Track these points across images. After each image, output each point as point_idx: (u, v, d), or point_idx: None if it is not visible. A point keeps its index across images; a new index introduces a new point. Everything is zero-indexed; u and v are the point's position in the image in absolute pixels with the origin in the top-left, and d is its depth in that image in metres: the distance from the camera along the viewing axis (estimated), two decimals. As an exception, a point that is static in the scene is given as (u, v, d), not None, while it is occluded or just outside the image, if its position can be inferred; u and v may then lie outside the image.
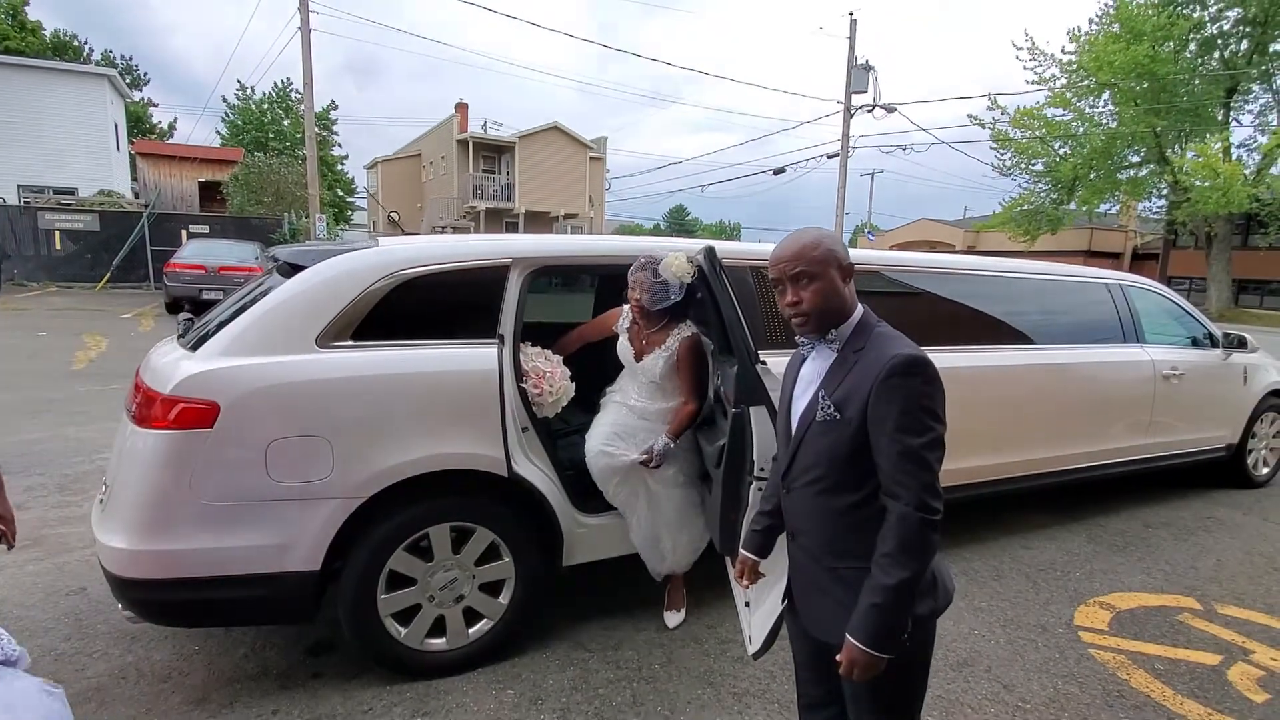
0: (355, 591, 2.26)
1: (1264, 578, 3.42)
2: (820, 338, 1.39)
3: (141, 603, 2.14)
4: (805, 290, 1.35)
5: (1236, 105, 22.92)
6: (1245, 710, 2.35)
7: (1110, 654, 2.68)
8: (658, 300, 2.54)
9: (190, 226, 16.92)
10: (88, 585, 2.90)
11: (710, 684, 2.40)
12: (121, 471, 2.15)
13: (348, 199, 35.52)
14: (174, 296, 12.09)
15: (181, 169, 21.54)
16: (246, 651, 2.52)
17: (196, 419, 2.07)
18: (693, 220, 78.87)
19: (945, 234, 38.23)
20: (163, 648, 2.51)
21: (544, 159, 30.01)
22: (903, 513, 1.21)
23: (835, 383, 1.33)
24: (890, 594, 1.20)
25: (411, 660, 2.37)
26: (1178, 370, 4.30)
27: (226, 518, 2.11)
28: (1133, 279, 4.62)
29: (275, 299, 2.29)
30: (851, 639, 1.23)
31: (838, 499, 1.33)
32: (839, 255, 1.36)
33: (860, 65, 20.69)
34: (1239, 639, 2.82)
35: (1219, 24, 22.05)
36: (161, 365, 2.27)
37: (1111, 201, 25.38)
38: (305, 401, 2.17)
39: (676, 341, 2.57)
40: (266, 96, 32.21)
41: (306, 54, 15.29)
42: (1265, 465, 5.02)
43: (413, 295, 2.40)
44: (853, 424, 1.28)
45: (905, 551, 1.20)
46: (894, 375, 1.23)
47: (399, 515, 2.29)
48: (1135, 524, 4.13)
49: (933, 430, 1.23)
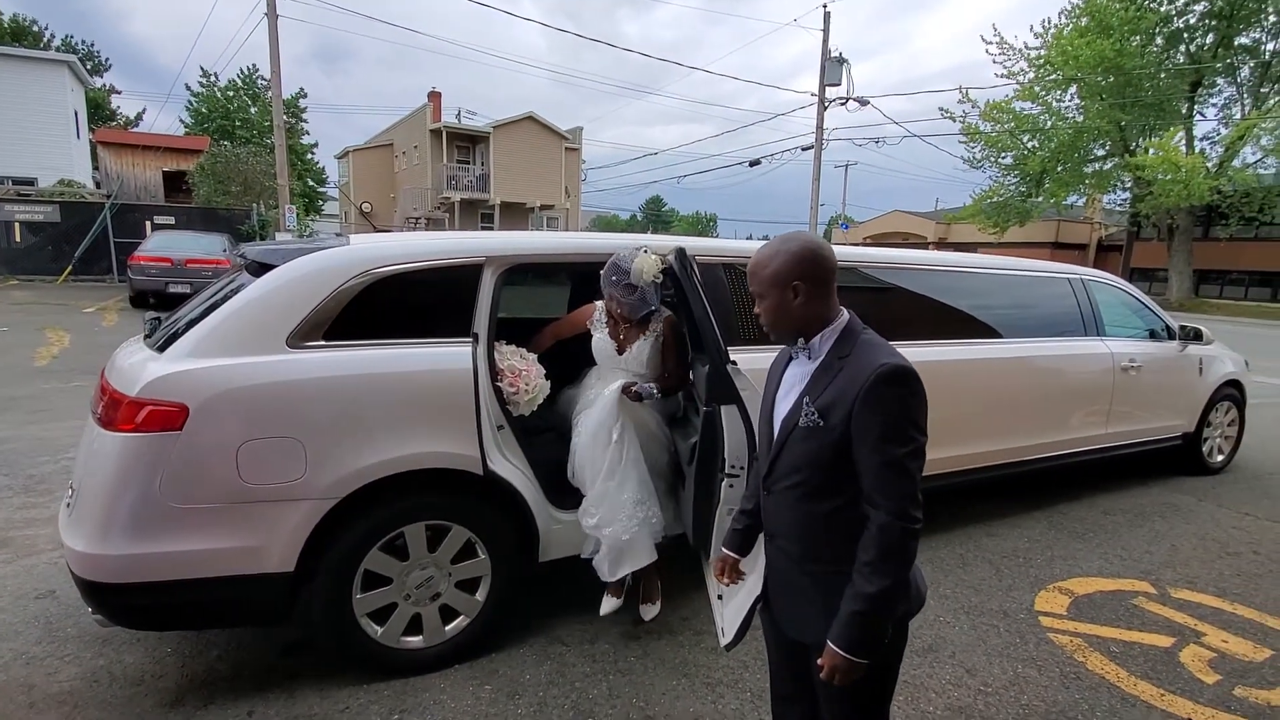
0: (330, 592, 2.26)
1: (1216, 562, 3.57)
2: (794, 346, 1.41)
3: (111, 607, 2.12)
4: (759, 306, 1.40)
5: (1201, 99, 23.51)
6: (1196, 691, 2.46)
7: (1068, 637, 2.79)
8: (639, 310, 2.58)
9: (155, 218, 16.47)
10: (57, 588, 2.86)
11: (685, 674, 2.45)
12: (88, 474, 2.12)
13: (318, 189, 34.86)
14: (139, 290, 11.81)
15: (145, 158, 20.94)
16: (220, 653, 2.51)
17: (165, 421, 2.05)
18: (670, 211, 78.79)
19: (917, 225, 38.74)
20: (134, 650, 2.49)
21: (519, 149, 29.73)
22: (884, 522, 1.23)
23: (819, 389, 1.33)
24: (872, 602, 1.22)
25: (388, 659, 2.38)
26: (1136, 362, 4.45)
27: (197, 520, 2.09)
28: (1093, 273, 4.75)
29: (245, 298, 2.27)
30: (833, 646, 1.26)
31: (818, 504, 1.35)
32: (792, 273, 1.34)
33: (834, 58, 20.81)
34: (1191, 621, 2.95)
35: (1185, 18, 22.57)
36: (128, 366, 2.24)
37: (1078, 194, 25.94)
38: (277, 403, 2.16)
39: (660, 324, 2.63)
40: (232, 83, 31.41)
41: (274, 40, 14.94)
42: (1220, 453, 5.21)
43: (385, 294, 2.39)
44: (836, 431, 1.28)
45: (886, 560, 1.22)
46: (879, 385, 1.24)
47: (374, 515, 2.29)
48: (1095, 511, 4.27)
49: (915, 441, 1.25)
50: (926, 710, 2.31)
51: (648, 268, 2.48)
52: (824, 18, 20.91)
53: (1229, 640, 2.80)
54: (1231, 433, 5.30)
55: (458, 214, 29.18)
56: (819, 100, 21.26)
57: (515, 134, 29.82)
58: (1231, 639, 2.81)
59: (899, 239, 36.70)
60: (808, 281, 1.34)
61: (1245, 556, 3.64)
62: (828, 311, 1.37)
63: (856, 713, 1.40)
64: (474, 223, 29.81)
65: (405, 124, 32.26)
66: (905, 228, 38.78)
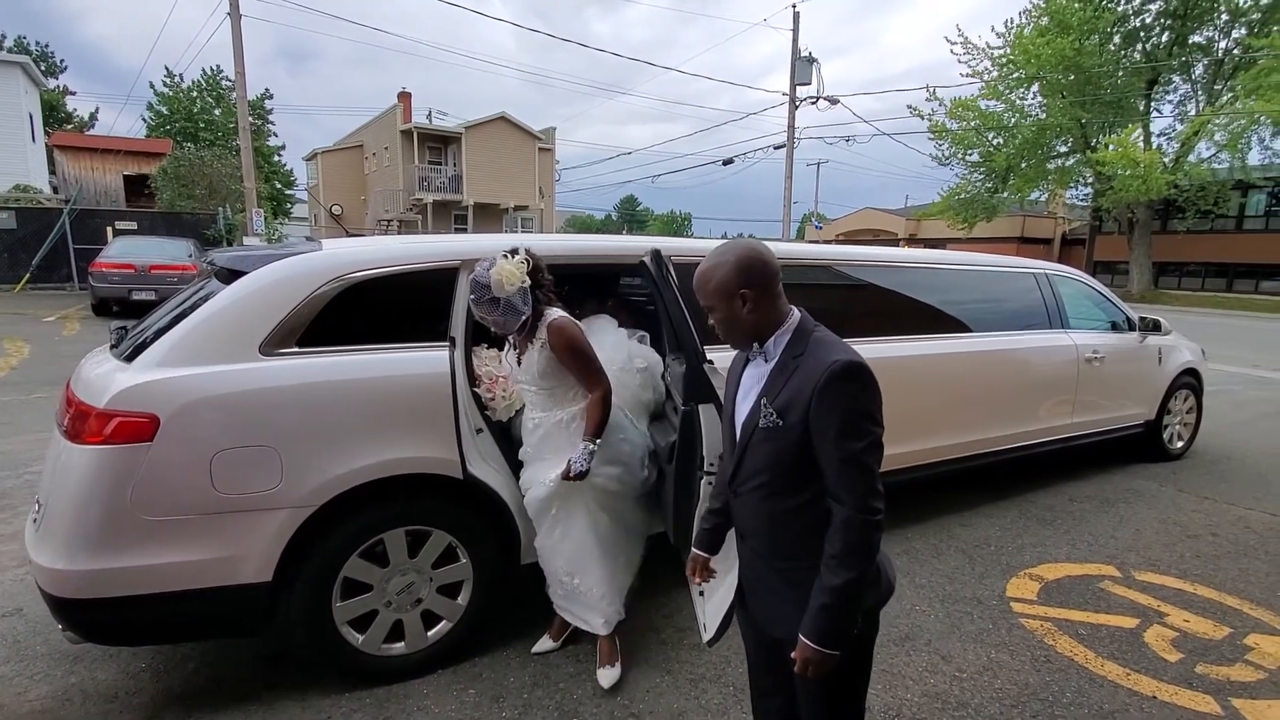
0: (309, 601, 2.24)
1: (1178, 545, 3.70)
2: (748, 350, 1.43)
3: (83, 623, 2.08)
4: (713, 318, 1.42)
5: (1157, 96, 24.20)
6: (1160, 669, 2.56)
7: (1039, 622, 2.87)
8: (512, 323, 2.29)
9: (116, 223, 16.04)
10: (23, 606, 2.78)
11: (668, 671, 2.48)
12: (55, 489, 2.08)
13: (286, 191, 34.26)
14: (101, 298, 11.50)
15: (104, 162, 20.36)
16: (196, 665, 2.47)
17: (134, 433, 2.01)
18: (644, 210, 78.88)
19: (888, 222, 39.29)
20: (107, 667, 2.44)
21: (492, 150, 29.51)
22: (847, 516, 1.26)
23: (776, 390, 1.35)
24: (838, 594, 1.26)
25: (370, 666, 2.37)
26: (1099, 353, 4.58)
27: (171, 533, 2.06)
28: (1057, 268, 4.89)
29: (215, 306, 2.24)
30: (805, 639, 1.29)
31: (783, 502, 1.37)
32: (736, 283, 1.35)
33: (804, 57, 21.02)
34: (1155, 603, 3.06)
35: (1142, 17, 23.20)
36: (94, 377, 2.20)
37: (1042, 190, 26.53)
38: (251, 411, 2.14)
39: (545, 329, 2.30)
40: (195, 84, 30.70)
41: (237, 40, 14.64)
42: (1179, 439, 5.39)
43: (360, 299, 2.38)
44: (795, 430, 1.30)
45: (851, 553, 1.26)
46: (832, 382, 1.26)
47: (353, 522, 2.28)
48: (1062, 498, 4.40)
49: (871, 434, 1.27)
50: (904, 697, 2.36)
51: (507, 276, 2.20)
52: (793, 17, 21.12)
53: (1190, 620, 2.91)
54: (1190, 420, 5.48)
55: (430, 215, 28.88)
56: (790, 99, 21.46)
57: (488, 134, 29.59)
58: (1193, 619, 2.92)
59: (870, 236, 37.21)
60: (753, 288, 1.35)
61: (1205, 539, 3.78)
62: (778, 313, 1.39)
63: (832, 703, 1.43)
64: (447, 224, 29.52)
65: (375, 125, 31.83)
66: (876, 225, 39.31)
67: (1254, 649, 2.69)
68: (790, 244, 3.96)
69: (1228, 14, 22.01)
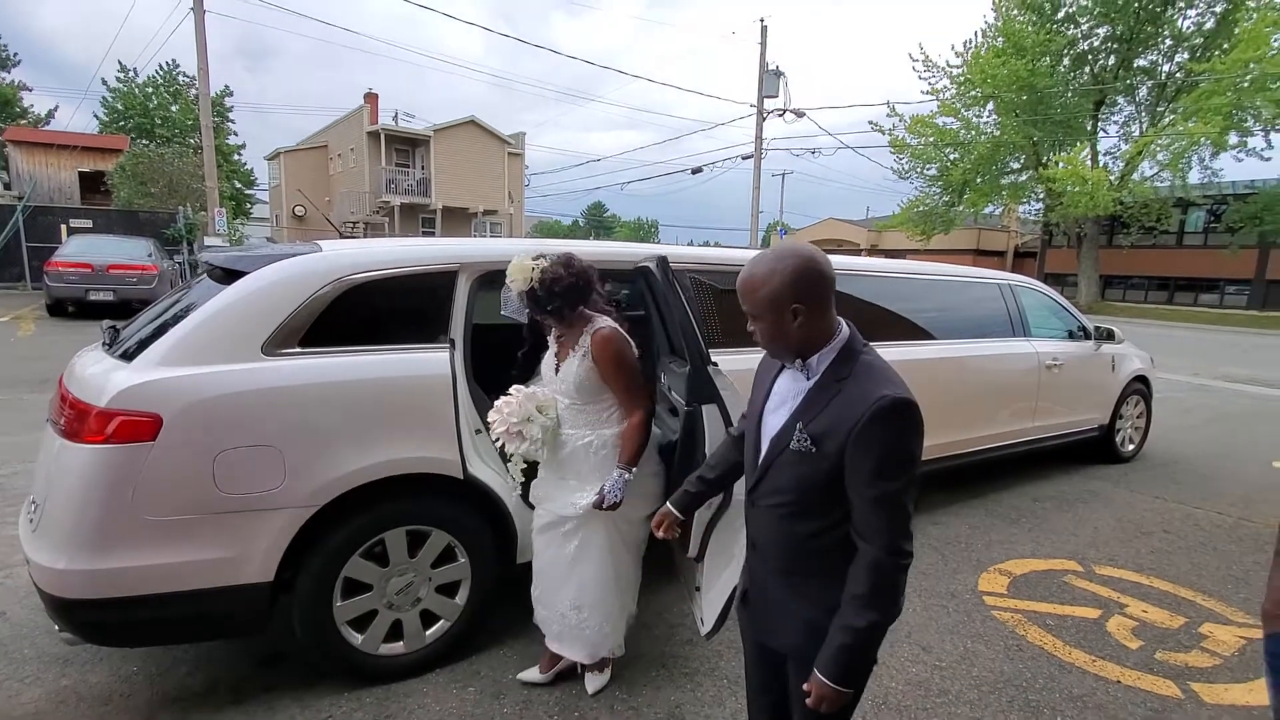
0: (310, 601, 2.25)
1: (1133, 541, 3.92)
2: (788, 363, 1.35)
3: (83, 624, 2.06)
4: (755, 326, 1.32)
5: (1104, 116, 25.34)
6: (1122, 656, 2.73)
7: (1009, 614, 3.03)
8: (520, 311, 2.23)
9: (71, 221, 15.44)
10: (7, 610, 2.72)
11: (663, 666, 2.55)
12: (54, 488, 2.05)
13: (246, 191, 33.39)
14: (56, 298, 11.07)
15: (60, 158, 19.58)
16: (190, 668, 2.45)
17: (137, 432, 2.01)
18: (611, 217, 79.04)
19: (850, 233, 40.23)
20: (99, 670, 2.40)
21: (461, 154, 29.30)
22: (876, 558, 1.20)
23: (813, 413, 1.27)
24: (861, 635, 1.21)
25: (370, 666, 2.38)
26: (1058, 361, 4.82)
27: (173, 532, 2.05)
28: (1018, 279, 5.13)
29: (216, 306, 2.24)
30: (821, 677, 1.23)
31: (802, 524, 1.32)
32: (790, 295, 1.24)
33: (771, 70, 21.44)
34: (1115, 595, 3.24)
35: (1090, 40, 24.29)
36: (91, 376, 2.18)
37: (996, 204, 27.50)
38: (254, 411, 2.14)
39: (589, 338, 2.18)
40: (151, 80, 29.75)
41: (200, 36, 14.29)
42: (1131, 442, 5.69)
43: (361, 300, 2.40)
44: (828, 460, 1.23)
45: (877, 595, 1.20)
46: (879, 418, 1.18)
47: (354, 522, 2.29)
48: (1025, 499, 4.61)
49: (909, 474, 1.21)
50: (889, 686, 2.48)
51: (515, 275, 2.15)
52: (761, 31, 21.54)
53: (1148, 610, 3.10)
54: (1140, 424, 5.79)
55: (397, 218, 28.50)
56: (758, 111, 21.85)
57: (456, 138, 29.38)
58: (1150, 609, 3.11)
59: (833, 245, 38.01)
60: (807, 302, 1.25)
61: (1158, 535, 4.01)
62: (827, 328, 1.29)
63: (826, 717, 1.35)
64: (415, 227, 29.17)
65: (340, 125, 31.32)
66: (839, 235, 40.19)
67: (1208, 637, 2.89)
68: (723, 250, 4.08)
69: (1171, 39, 23.22)
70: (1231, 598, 3.24)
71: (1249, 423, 7.33)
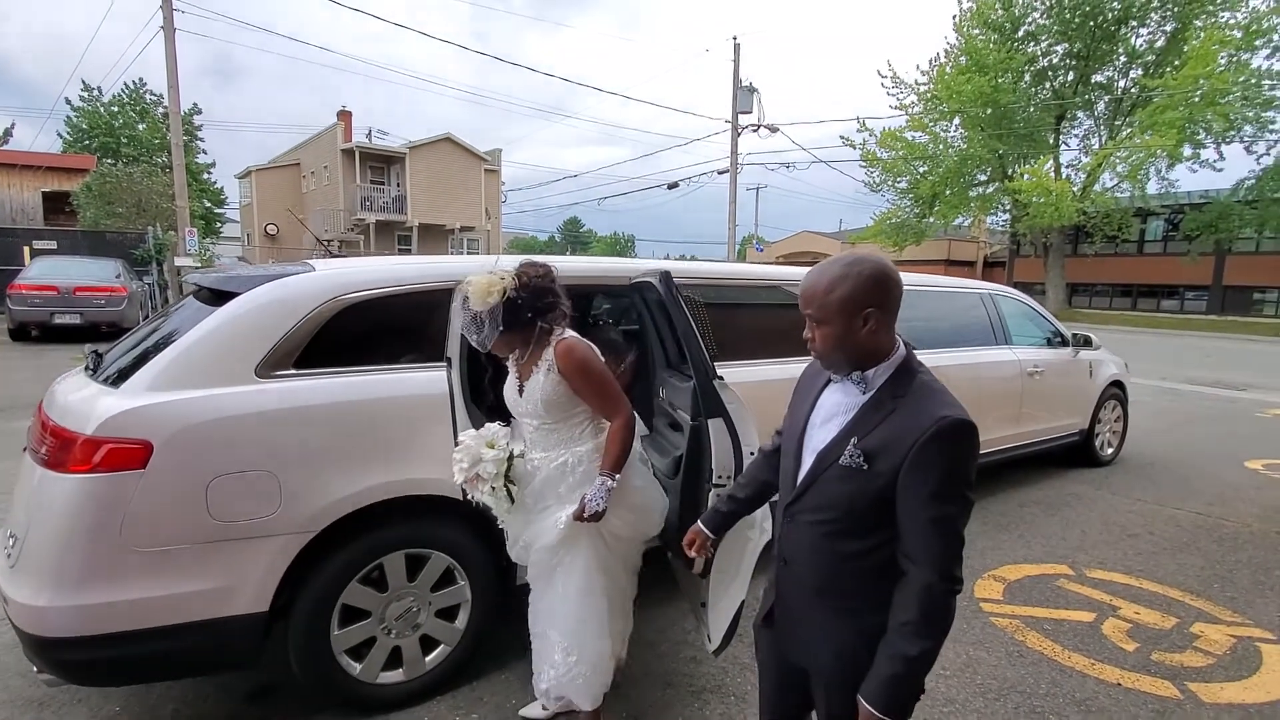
0: (306, 630, 2.18)
1: (1119, 544, 3.98)
2: (844, 376, 1.31)
3: (65, 663, 1.97)
4: (817, 331, 1.28)
5: (1065, 130, 26.17)
6: (1120, 659, 2.76)
7: (1007, 620, 3.05)
8: (489, 337, 2.02)
9: (34, 242, 14.99)
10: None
11: (669, 684, 2.51)
12: (35, 521, 1.97)
13: (215, 210, 32.86)
14: (20, 322, 10.72)
15: (22, 178, 19.06)
16: (177, 705, 2.35)
17: (126, 460, 1.94)
18: (587, 232, 79.26)
19: (824, 245, 40.80)
20: (77, 711, 2.29)
21: (437, 171, 29.18)
22: (928, 583, 1.17)
23: (867, 429, 1.24)
24: (913, 664, 1.17)
25: (369, 695, 2.31)
26: (1039, 368, 4.92)
27: (164, 563, 1.98)
28: (999, 288, 5.23)
29: (207, 328, 2.18)
30: (870, 707, 1.19)
31: (844, 544, 1.29)
32: (865, 300, 1.22)
33: (745, 87, 21.76)
34: (1107, 598, 3.29)
35: (1049, 57, 25.12)
36: (75, 402, 2.11)
37: (965, 216, 28.17)
38: (248, 435, 2.09)
39: (552, 350, 2.04)
40: (116, 99, 29.23)
41: (171, 54, 14.09)
42: (1109, 446, 5.81)
43: (356, 320, 2.36)
44: (881, 479, 1.20)
45: (929, 623, 1.17)
46: (940, 439, 1.16)
47: (352, 546, 2.24)
48: (1012, 504, 4.67)
49: (966, 498, 1.20)
50: (896, 697, 2.47)
51: (482, 287, 1.98)
52: (734, 49, 21.87)
53: (1140, 612, 3.15)
54: (1118, 428, 5.91)
55: (373, 236, 28.22)
56: (733, 127, 22.13)
57: (432, 155, 29.27)
58: (1143, 611, 3.16)
59: (809, 258, 38.53)
60: (880, 309, 1.23)
61: (1143, 537, 4.09)
62: (889, 341, 1.28)
63: None
64: (390, 245, 28.90)
65: (313, 143, 31.01)
66: (814, 247, 40.75)
67: (1200, 636, 2.94)
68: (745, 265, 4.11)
69: (1125, 56, 24.12)
70: (1218, 597, 3.31)
71: (1218, 424, 7.54)
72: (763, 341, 3.34)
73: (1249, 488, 5.14)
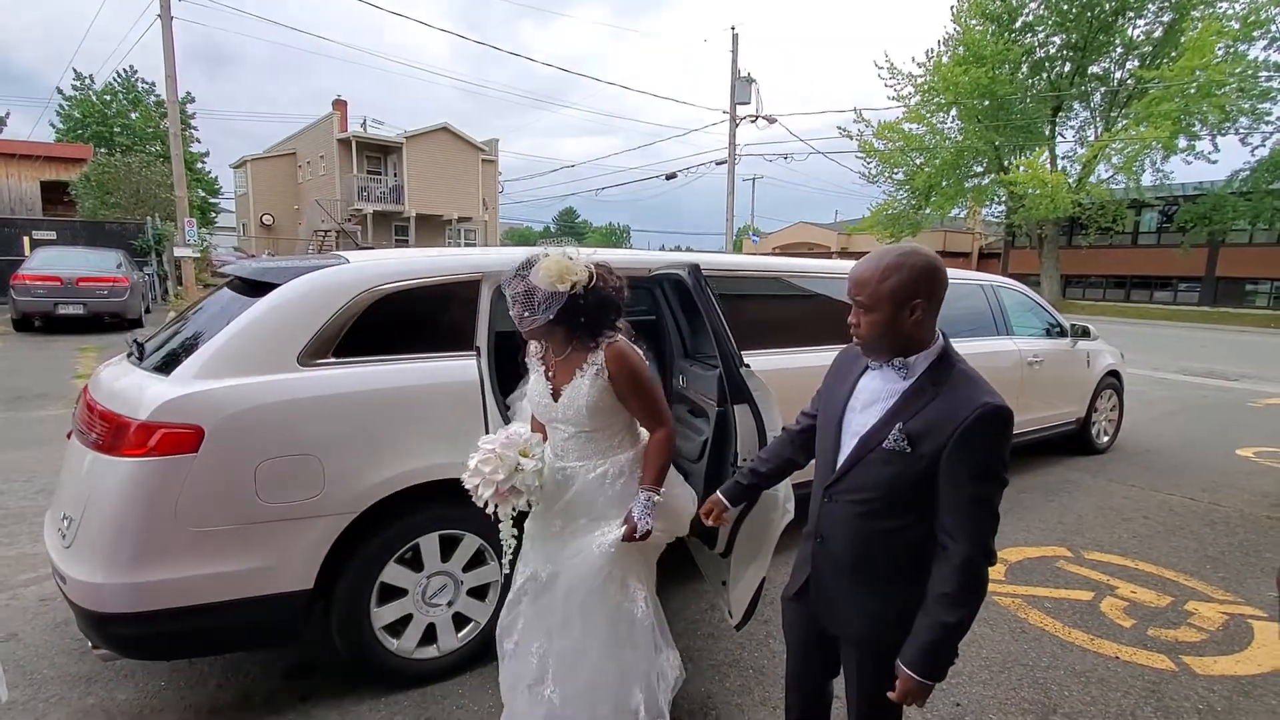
0: (347, 607, 2.28)
1: (1115, 528, 4.12)
2: (884, 362, 1.38)
3: (121, 638, 2.06)
4: (863, 318, 1.34)
5: (1061, 122, 26.25)
6: (1118, 634, 2.89)
7: (1010, 599, 3.18)
8: (534, 320, 1.83)
9: (34, 233, 14.93)
10: (18, 631, 2.68)
11: (689, 659, 2.62)
12: (91, 502, 2.06)
13: (210, 200, 32.68)
14: (23, 312, 10.71)
15: (20, 168, 18.92)
16: (220, 681, 2.45)
17: (179, 444, 2.03)
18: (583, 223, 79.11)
19: (821, 236, 40.89)
20: (125, 686, 2.40)
21: (434, 161, 29.10)
22: (968, 557, 1.26)
23: (910, 413, 1.31)
24: (951, 631, 1.27)
25: (406, 670, 2.42)
26: (1039, 357, 5.04)
27: (215, 543, 2.08)
28: (1000, 280, 5.34)
29: (250, 318, 2.27)
30: (910, 672, 1.29)
31: (885, 522, 1.37)
32: (915, 290, 1.29)
33: (743, 77, 21.75)
34: (1104, 578, 3.42)
35: (1046, 48, 25.17)
36: (125, 388, 2.20)
37: (960, 207, 28.28)
38: (293, 421, 2.18)
39: (602, 354, 1.88)
40: (109, 87, 28.98)
41: (168, 43, 14.01)
42: (1105, 434, 5.95)
43: (390, 310, 2.45)
44: (924, 461, 1.28)
45: (966, 593, 1.27)
46: (982, 423, 1.24)
47: (390, 527, 2.34)
48: (1011, 489, 4.72)
49: (1002, 479, 1.29)
50: (906, 670, 2.59)
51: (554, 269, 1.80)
52: (732, 39, 21.85)
53: (1137, 591, 3.28)
54: (1114, 417, 6.05)
55: (370, 226, 28.16)
56: (730, 117, 22.14)
57: (429, 145, 29.17)
58: (1139, 590, 3.29)
59: (805, 249, 38.62)
60: (928, 299, 1.30)
61: (1138, 521, 4.22)
62: (931, 331, 1.35)
63: (886, 711, 1.47)
64: (388, 235, 28.87)
65: (309, 133, 30.85)
66: (810, 238, 40.83)
67: (1194, 614, 3.07)
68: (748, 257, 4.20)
69: (1122, 47, 24.18)
70: (1211, 577, 3.45)
71: (1210, 413, 7.70)
72: (775, 331, 3.44)
73: (1240, 474, 5.29)
